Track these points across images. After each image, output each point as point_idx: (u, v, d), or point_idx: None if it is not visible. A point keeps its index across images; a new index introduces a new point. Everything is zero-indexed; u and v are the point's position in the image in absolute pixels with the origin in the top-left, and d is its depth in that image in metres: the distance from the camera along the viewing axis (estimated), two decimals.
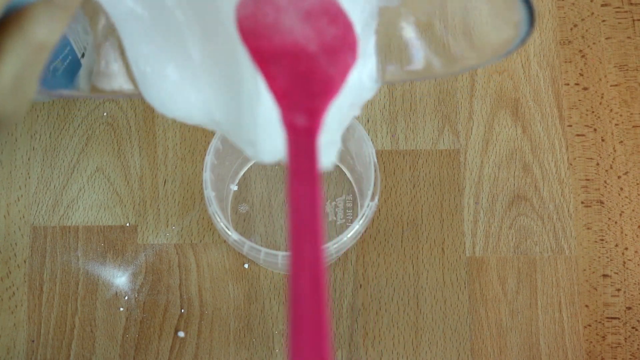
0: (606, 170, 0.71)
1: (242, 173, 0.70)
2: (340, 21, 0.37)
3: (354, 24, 0.37)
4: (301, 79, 0.36)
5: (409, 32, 0.45)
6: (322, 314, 0.30)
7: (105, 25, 0.42)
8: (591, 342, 0.68)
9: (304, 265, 0.31)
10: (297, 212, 0.32)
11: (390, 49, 0.45)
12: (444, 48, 0.46)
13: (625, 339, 0.68)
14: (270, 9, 0.36)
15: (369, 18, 0.41)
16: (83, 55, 0.54)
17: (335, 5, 0.37)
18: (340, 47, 0.37)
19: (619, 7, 0.75)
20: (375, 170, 0.57)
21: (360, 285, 0.69)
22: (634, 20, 0.75)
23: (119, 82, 0.45)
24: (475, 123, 0.72)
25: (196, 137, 0.72)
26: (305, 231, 0.32)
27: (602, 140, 0.72)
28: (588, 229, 0.70)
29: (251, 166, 0.70)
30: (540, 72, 0.74)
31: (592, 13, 0.75)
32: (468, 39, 0.45)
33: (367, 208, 0.57)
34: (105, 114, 0.73)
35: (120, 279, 0.69)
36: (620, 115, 0.73)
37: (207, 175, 0.58)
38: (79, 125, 0.72)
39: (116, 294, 0.68)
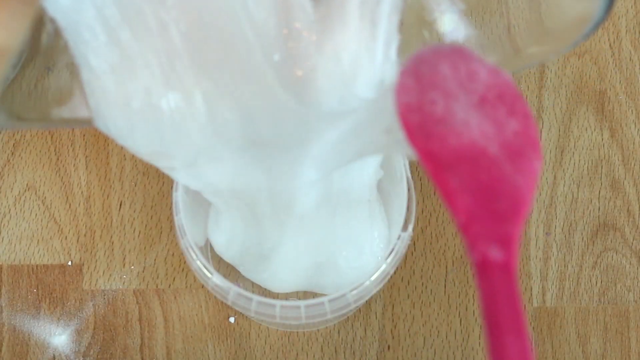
0: None
1: None
2: (518, 110, 0.40)
3: (532, 114, 0.40)
4: (486, 193, 0.38)
5: (452, 20, 0.48)
6: None
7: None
8: None
9: None
10: None
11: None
12: (500, 38, 0.48)
13: None
14: (437, 94, 0.39)
15: (389, 10, 0.44)
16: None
17: (511, 88, 0.40)
18: (523, 145, 0.39)
19: None
20: (409, 190, 0.57)
21: (389, 347, 0.69)
22: None
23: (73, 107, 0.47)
24: (545, 124, 0.73)
25: None
26: None
27: None
28: None
29: None
30: (635, 55, 0.74)
31: None
32: (531, 21, 0.47)
33: (398, 241, 0.57)
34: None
35: (59, 337, 0.69)
36: None
37: (178, 196, 0.58)
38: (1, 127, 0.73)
39: (54, 358, 0.69)
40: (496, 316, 0.35)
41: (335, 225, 0.59)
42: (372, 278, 0.56)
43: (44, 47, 0.46)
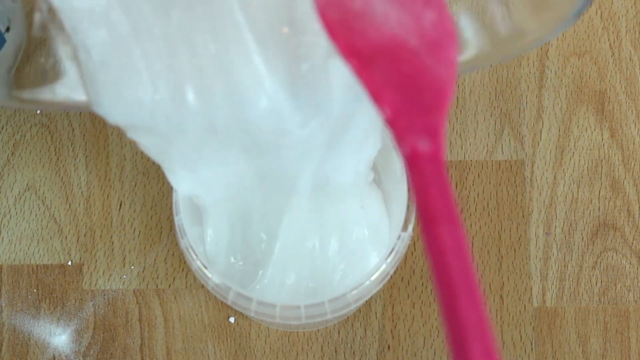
0: None
1: None
2: (433, 0, 0.40)
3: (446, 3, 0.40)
4: (409, 86, 0.38)
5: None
6: None
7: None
8: None
9: (470, 340, 0.33)
10: (444, 267, 0.34)
11: None
12: (492, 21, 0.48)
13: None
14: None
15: None
16: (8, 29, 0.55)
17: None
18: (440, 35, 0.39)
19: None
20: (409, 190, 0.57)
21: (389, 347, 0.69)
22: None
23: (68, 88, 0.47)
24: (545, 124, 0.72)
25: None
26: (459, 291, 0.34)
27: None
28: None
29: None
30: (635, 55, 0.74)
31: None
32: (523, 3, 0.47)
33: (398, 241, 0.57)
34: (39, 111, 0.73)
35: (59, 337, 0.69)
36: None
37: (178, 196, 0.58)
38: (2, 127, 0.73)
39: (54, 358, 0.69)
40: (429, 207, 0.35)
41: (325, 232, 0.59)
42: (372, 278, 0.56)
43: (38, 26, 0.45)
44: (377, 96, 0.37)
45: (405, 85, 0.38)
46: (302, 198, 0.54)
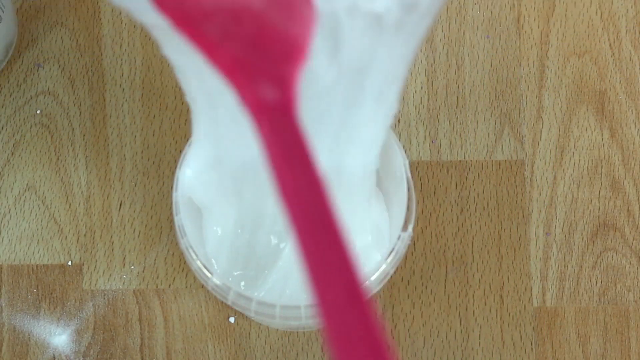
0: None
1: None
2: None
3: None
4: (253, 42, 0.33)
5: None
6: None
7: None
8: None
9: (330, 292, 0.30)
10: (299, 216, 0.30)
11: None
12: None
13: None
14: None
15: None
16: None
17: None
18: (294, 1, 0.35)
19: None
20: (409, 189, 0.57)
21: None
22: None
23: None
24: (545, 124, 0.72)
25: (163, 144, 0.72)
26: (319, 240, 0.30)
27: None
28: None
29: None
30: (635, 55, 0.74)
31: None
32: None
33: (398, 241, 0.57)
34: (38, 111, 0.73)
35: (59, 337, 0.69)
36: None
37: (178, 196, 0.58)
38: (2, 127, 0.73)
39: (54, 358, 0.69)
40: (280, 153, 0.30)
41: None
42: (372, 278, 0.56)
43: None
44: (211, 52, 0.32)
45: (246, 40, 0.33)
46: None
